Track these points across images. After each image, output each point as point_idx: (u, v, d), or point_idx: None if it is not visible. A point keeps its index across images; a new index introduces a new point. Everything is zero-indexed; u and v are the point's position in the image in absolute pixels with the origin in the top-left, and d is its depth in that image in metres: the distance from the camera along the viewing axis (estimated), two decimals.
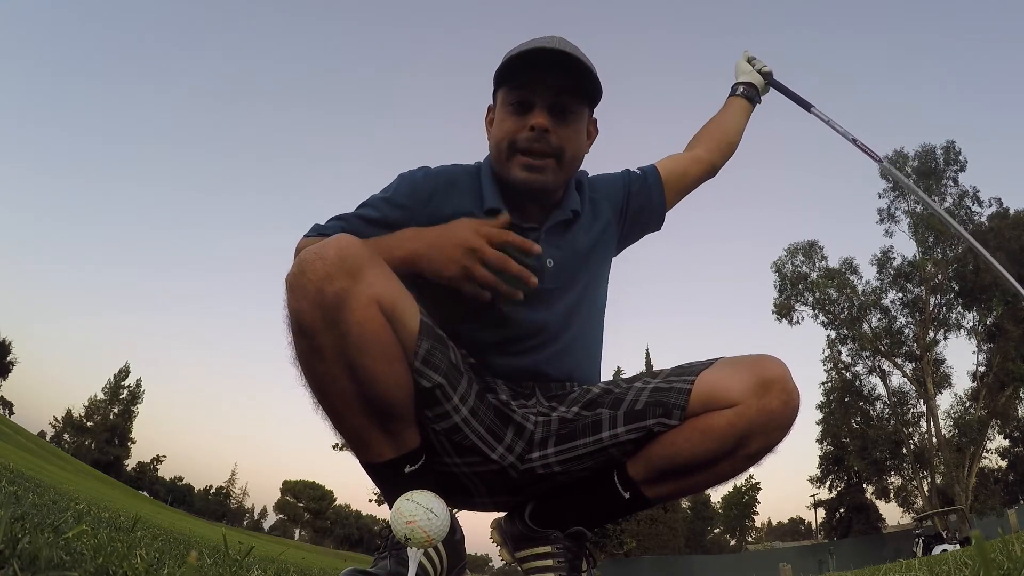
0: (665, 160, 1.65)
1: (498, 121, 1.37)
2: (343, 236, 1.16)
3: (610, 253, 1.54)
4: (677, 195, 1.64)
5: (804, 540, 56.67)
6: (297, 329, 1.12)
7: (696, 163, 1.68)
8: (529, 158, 1.33)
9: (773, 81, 1.93)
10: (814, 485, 37.40)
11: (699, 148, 1.72)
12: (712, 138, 1.75)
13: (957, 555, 2.64)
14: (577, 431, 1.30)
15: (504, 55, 1.37)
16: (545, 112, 1.31)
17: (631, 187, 1.56)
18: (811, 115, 1.93)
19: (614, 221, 1.53)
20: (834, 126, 1.94)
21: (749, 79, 1.89)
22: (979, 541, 0.58)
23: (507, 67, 1.33)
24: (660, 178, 1.59)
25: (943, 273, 28.31)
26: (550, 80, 1.31)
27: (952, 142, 28.51)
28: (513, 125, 1.33)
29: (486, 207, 1.37)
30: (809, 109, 1.93)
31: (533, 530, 1.37)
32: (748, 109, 1.86)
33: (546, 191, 1.38)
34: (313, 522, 78.80)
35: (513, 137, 1.33)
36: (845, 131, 1.94)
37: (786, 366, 1.24)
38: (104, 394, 65.05)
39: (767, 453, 1.26)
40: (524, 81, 1.32)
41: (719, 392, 1.22)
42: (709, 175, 1.72)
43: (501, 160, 1.36)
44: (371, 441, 1.20)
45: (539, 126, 1.31)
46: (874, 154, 1.95)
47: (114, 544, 1.31)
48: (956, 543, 16.33)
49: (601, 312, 1.52)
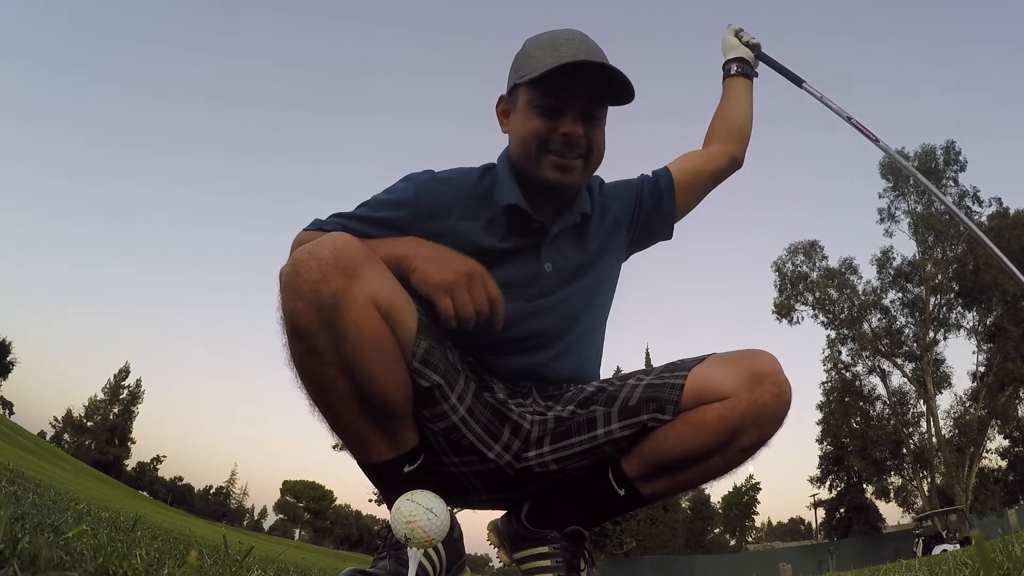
0: (679, 160, 1.63)
1: (523, 120, 1.33)
2: (338, 235, 1.14)
3: (618, 258, 1.53)
4: (694, 194, 1.62)
5: (804, 540, 56.65)
6: (293, 331, 1.11)
7: (712, 158, 1.66)
8: (560, 158, 1.32)
9: (762, 54, 1.87)
10: (814, 485, 37.46)
11: (714, 142, 1.70)
12: (723, 129, 1.73)
13: (957, 555, 2.64)
14: (572, 429, 1.31)
15: (527, 47, 1.35)
16: (578, 119, 1.30)
17: (643, 191, 1.55)
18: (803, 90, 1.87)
19: (624, 226, 1.52)
20: (828, 103, 1.87)
21: (739, 54, 1.84)
22: (979, 541, 0.58)
23: (539, 73, 1.27)
24: (672, 181, 1.56)
25: (943, 273, 28.30)
26: (584, 88, 1.29)
27: (952, 142, 28.57)
28: (543, 127, 1.30)
29: (503, 203, 1.35)
30: (800, 84, 1.87)
31: (530, 530, 1.37)
32: (748, 86, 1.82)
33: (573, 189, 1.39)
34: (313, 522, 78.81)
35: (545, 139, 1.31)
36: (840, 109, 1.87)
37: (777, 360, 1.25)
38: (104, 394, 65.15)
39: (760, 447, 1.26)
40: (558, 90, 1.29)
41: (711, 386, 1.23)
42: (732, 167, 1.69)
43: (529, 158, 1.33)
44: (369, 441, 1.20)
45: (572, 134, 1.30)
46: (870, 133, 1.88)
47: (114, 544, 1.31)
48: (956, 543, 16.33)
49: (604, 316, 1.52)
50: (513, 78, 1.36)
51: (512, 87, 1.37)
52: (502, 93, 1.42)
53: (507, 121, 1.40)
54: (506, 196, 1.35)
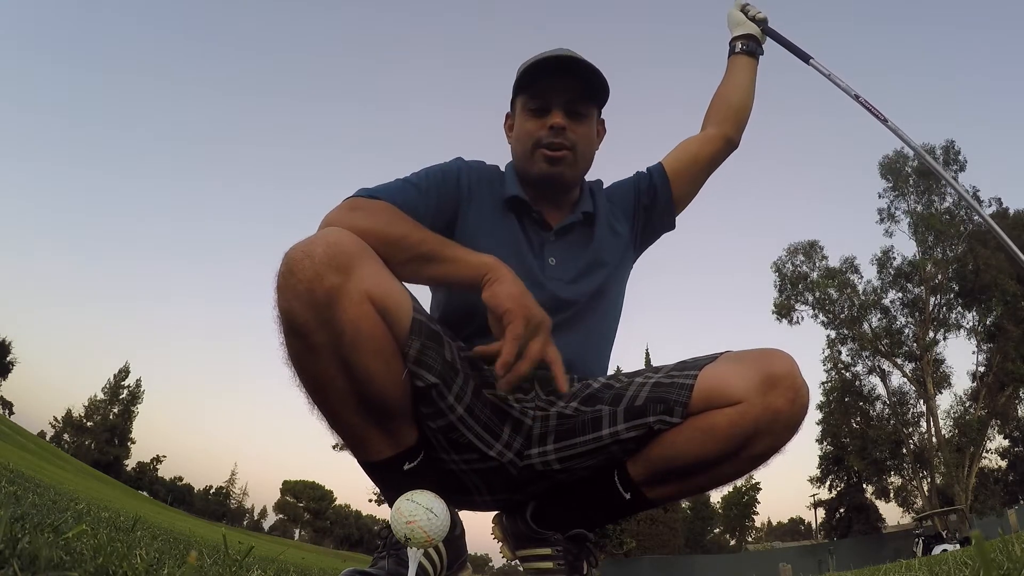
0: (674, 150, 1.64)
1: (519, 124, 1.47)
2: (331, 231, 1.13)
3: (627, 257, 1.54)
4: (692, 181, 1.62)
5: (804, 540, 56.60)
6: (289, 329, 1.10)
7: (708, 142, 1.65)
8: (549, 151, 1.42)
9: (769, 30, 1.82)
10: (814, 485, 37.42)
11: (709, 126, 1.69)
12: (720, 110, 1.71)
13: (957, 555, 2.64)
14: (576, 428, 1.28)
15: (519, 68, 1.47)
16: (561, 112, 1.42)
17: (639, 186, 1.58)
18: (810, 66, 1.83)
19: (627, 224, 1.55)
20: (835, 80, 1.82)
21: (746, 30, 1.81)
22: (979, 541, 0.57)
23: (524, 77, 1.44)
24: (665, 174, 1.58)
25: (943, 273, 28.29)
26: (563, 85, 1.42)
27: (952, 142, 28.54)
28: (534, 126, 1.43)
29: (508, 195, 1.45)
30: (808, 61, 1.83)
31: (534, 531, 1.37)
32: (752, 65, 1.78)
33: (564, 181, 1.46)
34: (313, 522, 78.73)
35: (536, 136, 1.43)
36: (847, 86, 1.82)
37: (794, 361, 1.18)
38: (104, 394, 65.03)
39: (773, 454, 1.21)
40: (541, 88, 1.43)
41: (722, 389, 1.17)
42: (727, 150, 1.68)
43: (525, 157, 1.45)
44: (369, 439, 1.20)
45: (557, 124, 1.41)
46: (879, 113, 1.83)
47: (114, 544, 1.31)
48: (956, 543, 16.32)
49: (612, 314, 1.52)
50: (513, 92, 1.50)
51: (512, 101, 1.52)
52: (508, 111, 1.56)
53: (510, 133, 1.53)
54: (509, 189, 1.46)
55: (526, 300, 1.14)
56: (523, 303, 1.13)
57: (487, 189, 1.46)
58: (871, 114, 1.84)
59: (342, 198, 1.29)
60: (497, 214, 1.44)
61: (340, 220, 1.20)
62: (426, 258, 1.20)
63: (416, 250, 1.20)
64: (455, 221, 1.40)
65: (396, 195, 1.30)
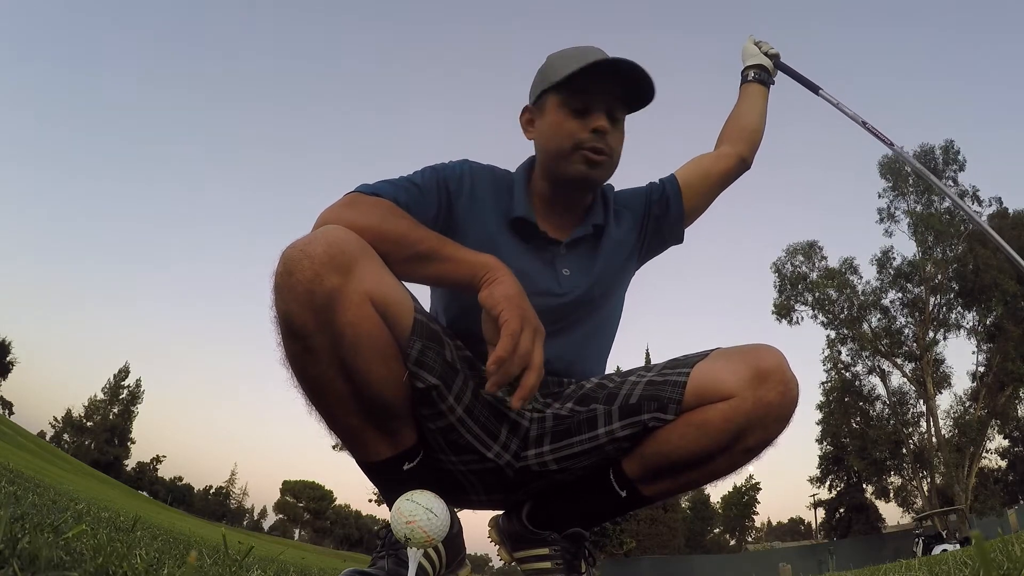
0: (687, 164, 1.64)
1: (555, 123, 1.37)
2: (330, 228, 1.11)
3: (630, 265, 1.54)
4: (704, 196, 1.62)
5: (804, 540, 56.66)
6: (288, 331, 1.09)
7: (721, 159, 1.67)
8: (591, 154, 1.36)
9: (780, 64, 1.91)
10: (814, 485, 37.47)
11: (724, 143, 1.72)
12: (734, 131, 1.74)
13: (957, 555, 2.64)
14: (572, 428, 1.29)
15: (552, 59, 1.41)
16: (604, 116, 1.36)
17: (651, 197, 1.56)
18: (819, 97, 1.90)
19: (635, 233, 1.53)
20: (843, 109, 1.90)
21: (758, 61, 1.87)
22: (979, 541, 0.57)
23: (575, 77, 1.33)
24: (678, 186, 1.57)
25: (943, 273, 28.28)
26: (609, 88, 1.35)
27: (951, 141, 28.50)
28: (575, 127, 1.35)
29: (513, 215, 1.37)
30: (817, 92, 1.91)
31: (530, 531, 1.37)
32: (764, 93, 1.84)
33: (596, 185, 1.42)
34: (313, 522, 78.76)
35: (578, 138, 1.35)
36: (855, 114, 1.90)
37: (783, 355, 1.22)
38: (104, 394, 65.06)
39: (766, 447, 1.24)
40: (587, 90, 1.35)
41: (714, 384, 1.20)
42: (740, 169, 1.70)
43: (562, 156, 1.37)
44: (368, 440, 1.19)
45: (602, 128, 1.35)
46: (886, 138, 1.90)
47: (114, 544, 1.31)
48: (956, 543, 16.32)
49: (612, 321, 1.52)
50: (539, 87, 1.41)
51: (539, 95, 1.41)
52: (526, 104, 1.48)
53: (532, 129, 1.45)
54: (516, 209, 1.39)
55: (523, 302, 1.13)
56: (519, 304, 1.11)
57: (492, 199, 1.40)
58: (879, 140, 1.90)
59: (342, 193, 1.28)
60: (501, 228, 1.38)
61: (337, 216, 1.18)
62: (425, 257, 1.18)
63: (414, 249, 1.18)
64: (455, 226, 1.35)
65: (396, 192, 1.27)
